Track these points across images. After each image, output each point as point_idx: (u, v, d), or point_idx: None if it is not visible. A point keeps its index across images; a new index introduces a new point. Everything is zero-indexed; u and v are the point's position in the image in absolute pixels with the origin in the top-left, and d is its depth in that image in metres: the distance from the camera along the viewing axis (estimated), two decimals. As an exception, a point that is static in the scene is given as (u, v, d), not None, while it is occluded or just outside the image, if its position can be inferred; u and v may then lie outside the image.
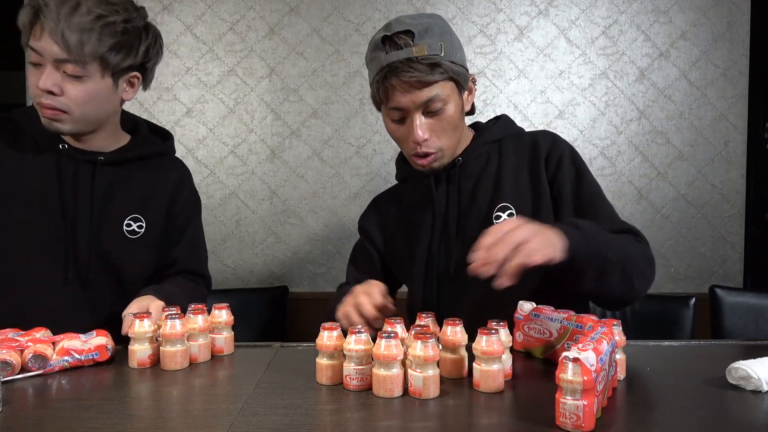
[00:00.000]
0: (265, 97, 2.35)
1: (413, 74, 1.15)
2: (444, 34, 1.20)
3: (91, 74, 1.17)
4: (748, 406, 0.83)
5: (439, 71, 1.17)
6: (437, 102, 1.19)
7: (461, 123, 1.28)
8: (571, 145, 1.33)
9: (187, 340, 1.04)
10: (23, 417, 0.81)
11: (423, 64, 1.15)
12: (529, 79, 2.35)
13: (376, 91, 1.22)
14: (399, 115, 1.22)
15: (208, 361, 1.07)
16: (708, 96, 2.35)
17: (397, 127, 1.25)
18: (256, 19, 2.34)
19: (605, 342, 0.82)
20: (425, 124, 1.21)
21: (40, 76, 1.14)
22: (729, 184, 2.37)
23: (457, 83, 1.22)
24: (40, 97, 1.16)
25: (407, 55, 1.15)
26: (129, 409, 0.84)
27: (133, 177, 1.31)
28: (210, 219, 2.36)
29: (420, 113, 1.20)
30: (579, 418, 0.72)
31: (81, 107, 1.18)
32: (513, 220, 1.13)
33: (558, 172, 1.27)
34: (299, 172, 2.37)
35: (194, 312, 1.06)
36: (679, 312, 1.90)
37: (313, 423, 0.79)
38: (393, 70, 1.16)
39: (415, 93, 1.18)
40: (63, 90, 1.16)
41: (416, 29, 1.16)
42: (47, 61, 1.14)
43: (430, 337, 0.86)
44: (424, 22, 1.19)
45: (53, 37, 1.11)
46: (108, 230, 1.27)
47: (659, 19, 2.34)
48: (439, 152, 1.25)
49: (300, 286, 2.37)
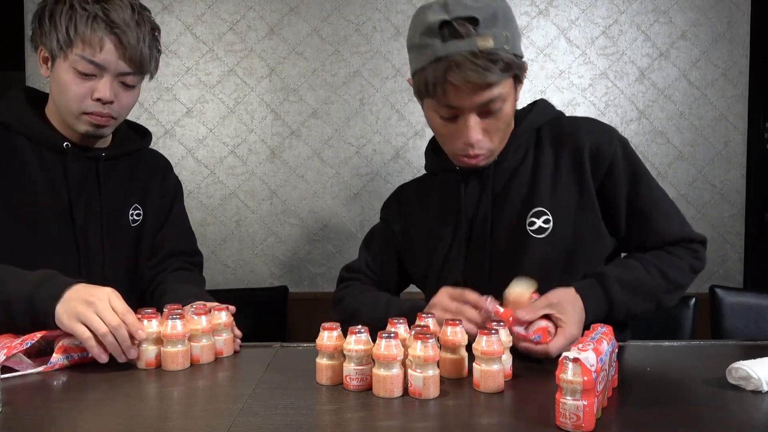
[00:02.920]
0: (265, 97, 2.35)
1: (478, 73, 1.01)
2: (508, 20, 1.06)
3: (139, 82, 1.23)
4: (748, 406, 0.83)
5: (504, 68, 1.03)
6: (497, 102, 1.07)
7: (513, 119, 1.17)
8: (623, 139, 1.20)
9: (190, 342, 1.03)
10: (23, 417, 0.81)
11: (494, 61, 1.01)
12: (529, 79, 2.35)
13: (426, 85, 1.06)
14: (451, 113, 1.09)
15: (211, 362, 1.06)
16: (708, 96, 2.35)
17: (444, 123, 1.12)
18: (256, 19, 2.34)
19: (605, 342, 0.82)
20: (480, 124, 1.09)
21: (88, 85, 1.16)
22: (729, 184, 2.37)
23: (516, 78, 1.10)
24: (91, 107, 1.18)
25: (470, 48, 1.00)
26: (129, 409, 0.83)
27: (126, 170, 1.33)
28: (210, 219, 2.36)
29: (476, 113, 1.08)
30: (579, 418, 0.72)
31: (126, 112, 1.25)
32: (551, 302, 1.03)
33: (609, 176, 1.15)
34: (299, 172, 2.37)
35: (197, 313, 1.05)
36: (679, 312, 1.90)
37: (313, 423, 0.79)
38: (454, 65, 1.01)
39: (477, 94, 1.04)
40: (119, 100, 1.20)
41: (481, 15, 1.01)
42: (107, 73, 1.17)
43: (430, 337, 0.86)
44: (487, 6, 1.03)
45: (126, 53, 1.15)
46: (117, 224, 1.29)
47: (659, 19, 2.34)
48: (488, 152, 1.15)
49: (300, 286, 2.37)
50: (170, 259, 1.37)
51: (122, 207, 1.31)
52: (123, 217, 1.31)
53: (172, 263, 1.37)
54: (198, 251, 1.46)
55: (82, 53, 1.13)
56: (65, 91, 1.17)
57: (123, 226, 1.31)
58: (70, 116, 1.20)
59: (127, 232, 1.31)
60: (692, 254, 1.18)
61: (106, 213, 1.27)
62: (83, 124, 1.20)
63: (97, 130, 1.21)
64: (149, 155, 1.41)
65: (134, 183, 1.34)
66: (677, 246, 1.18)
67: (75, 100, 1.17)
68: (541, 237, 1.14)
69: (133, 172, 1.34)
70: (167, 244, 1.38)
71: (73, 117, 1.20)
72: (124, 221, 1.31)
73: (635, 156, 1.21)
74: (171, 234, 1.39)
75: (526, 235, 1.15)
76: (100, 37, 1.13)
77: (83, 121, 1.20)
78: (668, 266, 1.15)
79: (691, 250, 1.19)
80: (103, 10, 1.13)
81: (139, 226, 1.34)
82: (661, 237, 1.18)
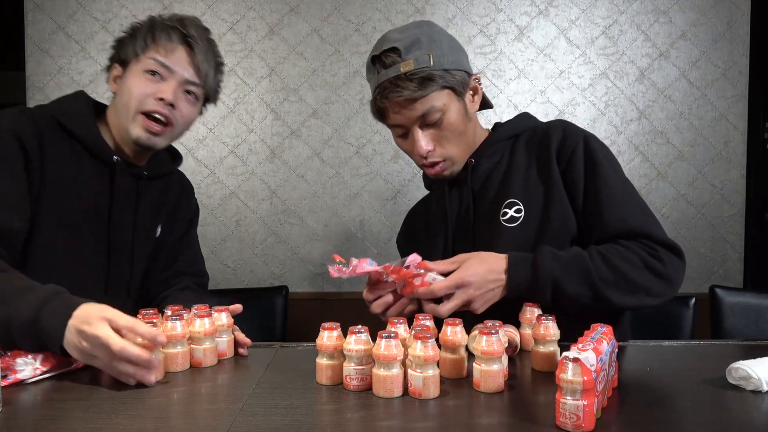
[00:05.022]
0: (265, 97, 2.35)
1: (402, 93, 1.15)
2: (433, 42, 1.18)
3: (199, 99, 1.29)
4: (748, 406, 0.83)
5: (429, 84, 1.16)
6: (434, 113, 1.18)
7: (467, 126, 1.25)
8: (589, 134, 1.24)
9: (192, 344, 1.02)
10: (23, 417, 0.81)
11: (412, 79, 1.15)
12: (529, 79, 2.35)
13: (374, 111, 1.24)
14: (401, 130, 1.23)
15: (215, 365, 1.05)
16: (708, 96, 2.35)
17: (402, 141, 1.26)
18: (256, 19, 2.34)
19: (605, 342, 0.82)
20: (427, 135, 1.21)
21: (154, 86, 1.21)
22: (729, 184, 2.37)
23: (453, 89, 1.20)
24: (151, 105, 1.21)
25: (395, 73, 1.15)
26: (129, 409, 0.83)
27: (159, 190, 1.38)
28: (210, 219, 2.36)
29: (418, 126, 1.20)
30: (579, 418, 0.72)
31: (184, 126, 1.29)
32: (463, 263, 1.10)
33: (569, 164, 1.21)
34: (299, 172, 2.37)
35: (199, 315, 1.04)
36: (679, 312, 1.90)
37: (313, 423, 0.79)
38: (383, 91, 1.17)
39: (409, 109, 1.18)
40: (179, 110, 1.24)
41: (402, 44, 1.16)
42: (174, 78, 1.22)
43: (430, 337, 0.86)
44: (410, 35, 1.18)
45: (195, 62, 1.23)
46: (144, 238, 1.33)
47: (659, 19, 2.34)
48: (448, 161, 1.24)
49: (300, 286, 2.37)
50: (179, 277, 1.40)
51: (151, 224, 1.36)
52: (150, 233, 1.36)
53: (180, 281, 1.39)
54: (206, 272, 1.49)
55: (155, 55, 1.21)
56: (130, 89, 1.21)
57: (149, 241, 1.35)
58: (127, 118, 1.22)
59: (150, 247, 1.36)
60: (648, 251, 1.12)
61: (139, 228, 1.31)
62: (137, 127, 1.22)
63: (150, 138, 1.23)
64: (178, 178, 1.46)
65: (164, 203, 1.39)
66: (632, 240, 1.14)
67: (137, 98, 1.20)
68: (513, 225, 1.21)
69: (164, 192, 1.39)
70: (178, 264, 1.41)
71: (130, 118, 1.22)
72: (151, 237, 1.36)
73: (601, 150, 1.22)
74: (183, 254, 1.43)
75: (500, 225, 1.22)
76: (174, 44, 1.22)
77: (138, 123, 1.22)
78: (614, 255, 1.11)
79: (648, 247, 1.13)
80: (180, 25, 1.23)
81: (157, 243, 1.37)
82: (613, 227, 1.15)
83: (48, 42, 2.32)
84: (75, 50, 2.33)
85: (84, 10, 2.32)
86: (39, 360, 0.96)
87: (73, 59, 2.33)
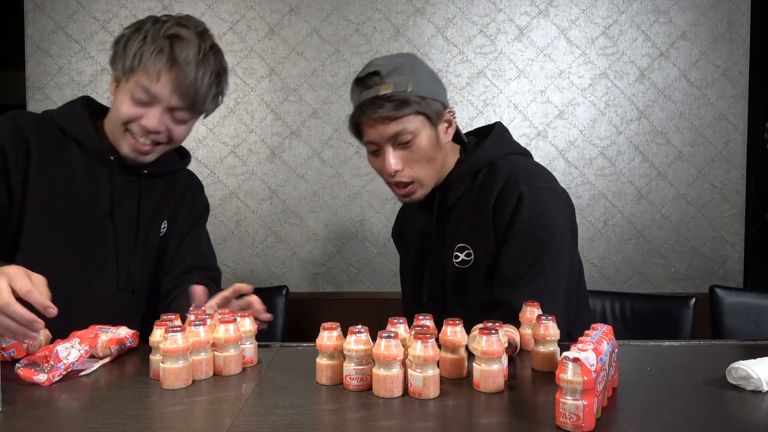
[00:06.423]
0: (265, 97, 2.35)
1: (378, 112, 1.22)
2: (413, 71, 1.25)
3: (191, 119, 1.27)
4: (748, 406, 0.83)
5: (405, 107, 1.22)
6: (406, 135, 1.24)
7: (437, 154, 1.30)
8: (528, 190, 1.24)
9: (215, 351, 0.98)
10: (23, 417, 0.81)
11: (389, 101, 1.22)
12: (529, 79, 2.35)
13: (352, 126, 1.32)
14: (374, 147, 1.29)
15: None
16: (708, 96, 2.35)
17: (374, 159, 1.32)
18: (256, 19, 2.34)
19: (605, 342, 0.82)
20: (397, 155, 1.27)
21: (140, 110, 1.20)
22: (729, 184, 2.36)
23: (427, 116, 1.26)
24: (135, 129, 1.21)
25: (375, 93, 1.23)
26: (129, 409, 0.83)
27: (163, 187, 1.38)
28: (210, 219, 2.33)
29: (390, 146, 1.26)
30: (579, 418, 0.72)
31: (175, 144, 1.29)
32: None
33: (499, 216, 1.26)
34: (299, 172, 2.37)
35: (223, 321, 0.99)
36: (679, 312, 1.89)
37: (313, 423, 0.79)
38: (362, 108, 1.25)
39: (383, 127, 1.24)
40: (169, 131, 1.24)
41: (384, 69, 1.25)
42: (159, 105, 1.20)
43: (430, 337, 0.86)
44: (394, 63, 1.26)
45: (180, 89, 1.19)
46: (149, 235, 1.34)
47: (659, 19, 2.34)
48: (416, 183, 1.30)
49: (300, 286, 2.37)
50: (191, 272, 1.40)
51: (155, 221, 1.36)
52: (154, 229, 1.36)
53: (192, 277, 1.38)
54: (217, 267, 1.50)
55: (141, 81, 1.19)
56: (119, 109, 1.22)
57: (153, 238, 1.36)
58: (119, 133, 1.24)
59: (155, 244, 1.37)
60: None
61: (142, 224, 1.33)
62: (126, 145, 1.24)
63: (139, 156, 1.25)
64: (185, 175, 1.46)
65: (168, 200, 1.39)
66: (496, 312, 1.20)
67: (123, 119, 1.21)
68: (464, 268, 1.32)
69: (169, 189, 1.40)
70: (189, 259, 1.41)
71: (119, 135, 1.24)
72: (155, 234, 1.36)
73: (543, 237, 1.24)
74: (192, 250, 1.43)
75: (454, 267, 1.33)
76: (159, 69, 1.18)
77: (126, 141, 1.23)
78: None
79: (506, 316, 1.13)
80: (169, 46, 1.19)
81: (163, 239, 1.38)
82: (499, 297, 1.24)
83: (48, 42, 2.32)
84: (75, 50, 2.33)
85: (84, 10, 2.32)
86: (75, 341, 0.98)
87: (73, 59, 2.33)
